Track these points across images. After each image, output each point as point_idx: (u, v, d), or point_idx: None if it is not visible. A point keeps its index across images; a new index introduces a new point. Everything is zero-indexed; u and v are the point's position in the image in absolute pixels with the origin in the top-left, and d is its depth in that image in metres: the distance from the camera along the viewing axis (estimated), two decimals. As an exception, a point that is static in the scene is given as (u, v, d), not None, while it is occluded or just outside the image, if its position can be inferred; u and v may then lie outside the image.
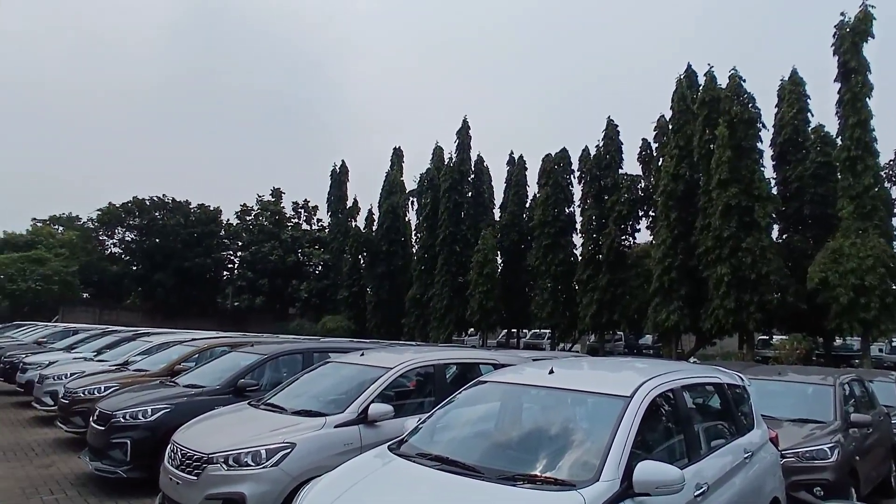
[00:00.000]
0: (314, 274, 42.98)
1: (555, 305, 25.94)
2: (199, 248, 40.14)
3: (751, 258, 18.24)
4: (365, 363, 5.61)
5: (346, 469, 3.30)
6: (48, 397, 9.62)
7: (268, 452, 4.24)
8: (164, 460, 4.79)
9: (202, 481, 4.24)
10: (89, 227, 40.93)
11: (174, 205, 41.18)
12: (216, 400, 6.33)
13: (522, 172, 31.55)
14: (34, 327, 22.31)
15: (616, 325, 24.94)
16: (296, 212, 46.54)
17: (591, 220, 25.15)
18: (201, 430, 4.91)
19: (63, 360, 11.68)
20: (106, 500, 5.76)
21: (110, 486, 6.09)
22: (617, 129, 25.48)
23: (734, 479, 3.67)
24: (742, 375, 4.87)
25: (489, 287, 27.47)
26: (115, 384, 8.07)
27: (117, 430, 6.06)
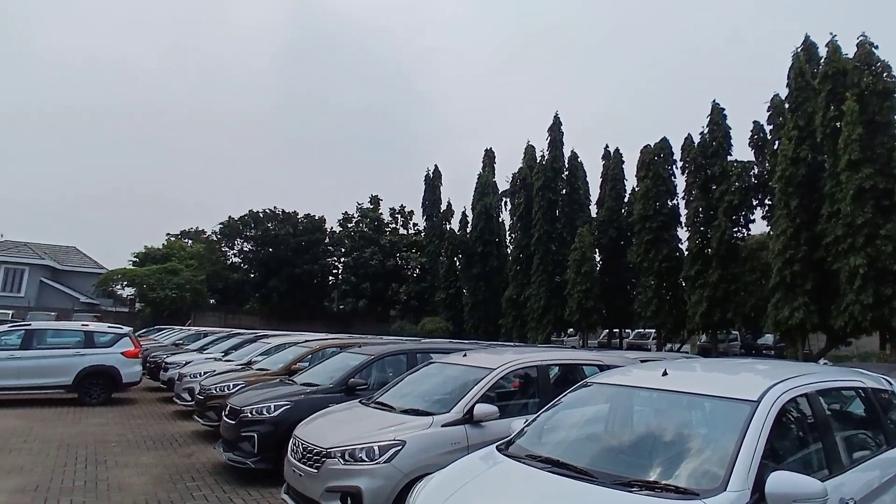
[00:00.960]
0: (412, 277, 44.22)
1: (660, 304, 24.60)
2: (307, 256, 42.81)
3: (891, 247, 16.14)
4: (468, 364, 5.69)
5: (458, 468, 3.38)
6: (186, 393, 10.76)
7: (380, 449, 4.44)
8: (288, 453, 5.18)
9: (322, 474, 4.53)
10: (213, 239, 45.16)
11: (284, 216, 44.26)
12: (330, 398, 6.74)
13: (619, 166, 30.34)
14: (171, 330, 25.06)
15: (730, 324, 23.14)
16: (393, 217, 48.19)
17: (698, 212, 23.55)
18: (319, 425, 5.25)
19: (197, 360, 13.00)
20: (238, 488, 6.32)
21: (241, 475, 6.69)
22: (723, 113, 23.68)
23: (884, 497, 3.28)
24: (889, 379, 4.34)
25: (588, 286, 26.67)
26: (242, 382, 8.84)
27: (245, 425, 6.64)
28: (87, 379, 11.92)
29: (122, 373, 12.26)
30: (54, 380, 11.73)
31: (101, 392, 12.10)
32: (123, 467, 7.09)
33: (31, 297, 40.07)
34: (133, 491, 6.11)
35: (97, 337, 12.51)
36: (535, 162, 31.76)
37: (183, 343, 18.73)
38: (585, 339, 29.27)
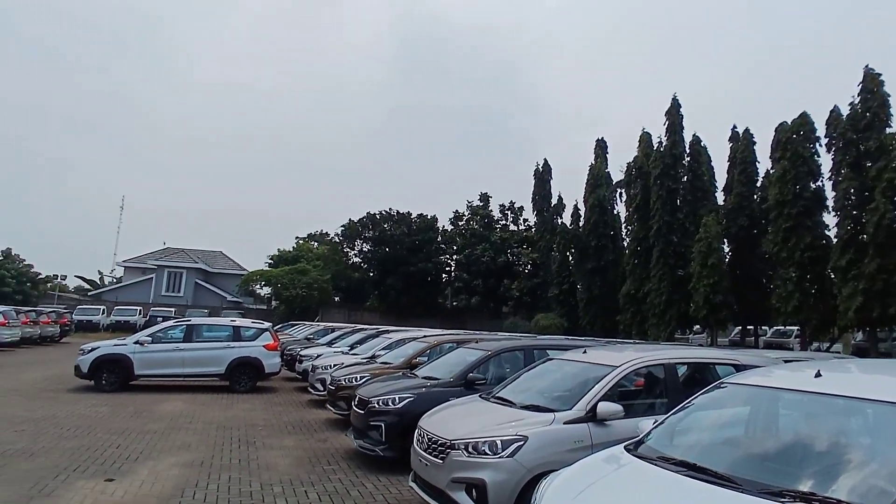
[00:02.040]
0: (524, 273, 43.93)
1: (803, 298, 22.04)
2: (421, 254, 44.28)
3: None
4: (588, 361, 5.57)
5: (584, 466, 3.33)
6: (318, 384, 11.66)
7: (503, 443, 4.50)
8: (414, 443, 5.43)
9: (447, 465, 4.69)
10: (336, 241, 48.37)
11: (399, 217, 46.17)
12: (450, 391, 6.96)
13: (749, 147, 27.65)
14: (303, 326, 27.24)
15: (892, 321, 20.14)
16: (503, 214, 48.22)
17: (849, 194, 20.72)
18: (443, 418, 5.44)
19: (326, 353, 14.03)
20: (369, 474, 6.75)
21: (371, 462, 7.12)
22: (879, 80, 20.62)
23: None
24: None
25: (716, 279, 24.64)
26: (368, 374, 9.41)
27: (373, 415, 7.07)
28: (237, 369, 13.38)
29: (264, 364, 13.60)
30: (210, 369, 13.32)
31: (248, 381, 13.51)
32: (269, 449, 7.88)
33: (189, 296, 45.77)
34: (279, 470, 6.76)
35: (243, 331, 13.98)
36: (651, 149, 30.01)
37: (313, 338, 20.27)
38: (714, 336, 27.13)
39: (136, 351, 12.74)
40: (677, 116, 29.39)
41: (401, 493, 5.99)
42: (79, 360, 12.58)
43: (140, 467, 6.63)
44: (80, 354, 12.72)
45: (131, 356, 12.65)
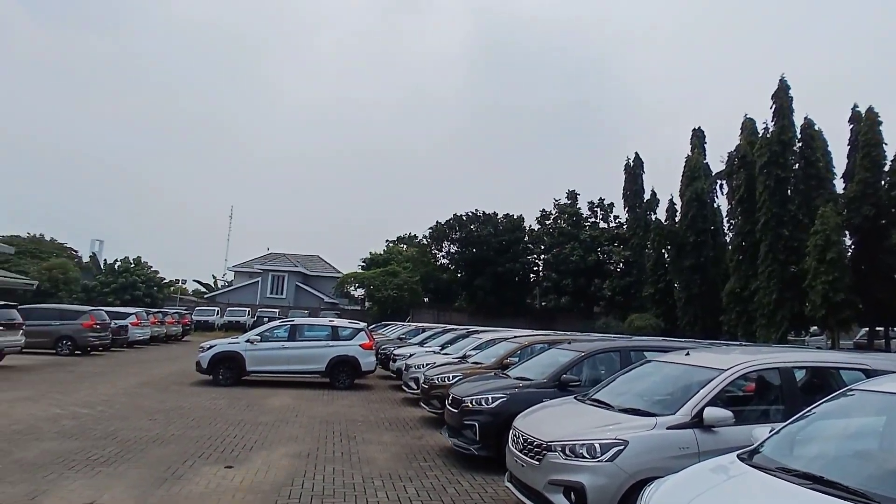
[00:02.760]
0: (616, 271, 42.38)
1: (946, 295, 19.42)
2: (508, 254, 44.09)
3: None
4: (692, 363, 5.29)
5: (693, 474, 3.17)
6: (412, 382, 11.98)
7: (601, 447, 4.39)
8: (509, 443, 5.44)
9: (544, 466, 4.65)
10: (424, 243, 49.42)
11: (485, 217, 46.30)
12: (543, 392, 6.89)
13: (874, 129, 24.80)
14: (395, 326, 28.11)
15: None
16: (592, 211, 46.83)
17: None
18: (538, 419, 5.40)
19: (419, 353, 14.38)
20: (464, 472, 6.84)
21: (466, 460, 7.22)
22: None
23: None
24: None
25: (835, 276, 22.31)
26: (460, 374, 9.54)
27: (467, 414, 7.16)
28: (336, 366, 14.08)
29: (361, 362, 14.20)
30: (312, 366, 14.13)
31: (347, 378, 14.17)
32: (369, 444, 8.22)
33: (290, 298, 48.80)
34: (378, 465, 7.04)
35: (341, 331, 14.69)
36: (755, 136, 27.83)
37: (405, 337, 20.85)
38: (836, 338, 24.58)
39: (247, 349, 13.80)
40: (786, 99, 27.02)
41: (496, 493, 6.02)
42: (199, 357, 13.85)
43: (255, 456, 7.18)
44: (199, 352, 14.00)
45: (243, 353, 13.73)
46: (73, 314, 19.98)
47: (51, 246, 45.59)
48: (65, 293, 34.87)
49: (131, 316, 23.96)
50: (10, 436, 7.54)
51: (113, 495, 5.38)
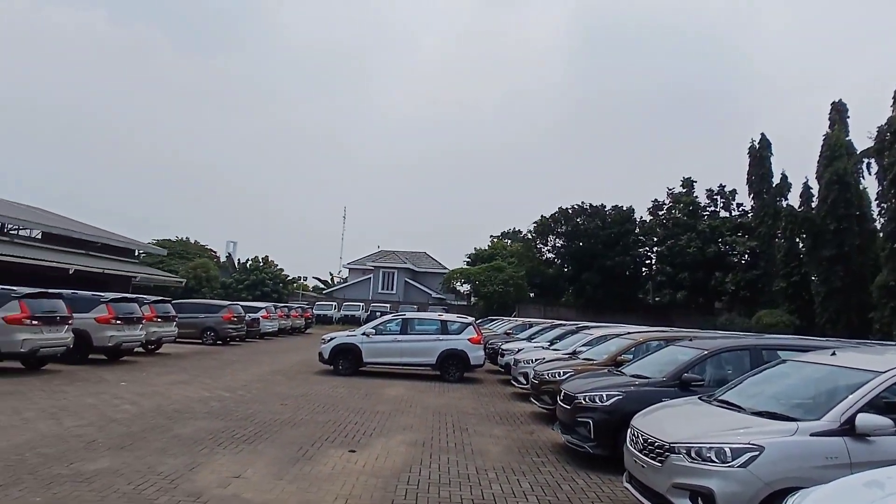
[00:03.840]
0: (740, 264, 39.03)
1: None
2: (618, 247, 42.31)
3: None
4: (840, 364, 4.76)
5: (846, 487, 2.86)
6: (521, 377, 11.96)
7: (732, 451, 4.10)
8: (626, 442, 5.25)
9: (666, 468, 4.44)
10: (529, 237, 48.94)
11: (592, 210, 44.81)
12: (662, 391, 6.57)
13: None
14: (501, 321, 28.18)
15: None
16: (711, 199, 43.51)
17: None
18: (658, 418, 5.16)
19: (527, 348, 14.32)
20: (579, 469, 6.71)
21: (580, 457, 7.08)
22: None
23: None
24: None
25: None
26: (571, 370, 9.35)
27: (580, 411, 7.01)
28: (446, 360, 14.45)
29: (470, 356, 14.45)
30: (423, 359, 14.62)
31: (456, 371, 14.49)
32: (480, 436, 8.35)
33: (400, 293, 50.74)
34: (491, 457, 7.14)
35: (449, 325, 15.04)
36: (914, 105, 24.14)
37: (512, 332, 20.83)
38: None
39: (363, 341, 14.61)
40: (953, 60, 23.11)
41: (614, 493, 5.85)
42: (321, 348, 14.90)
43: (375, 442, 7.60)
44: (321, 343, 15.06)
45: (360, 346, 14.55)
46: (214, 308, 22.44)
47: (195, 248, 51.36)
48: (207, 289, 39.18)
49: (262, 310, 26.36)
50: (171, 414, 8.65)
51: (255, 471, 5.98)
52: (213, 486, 5.37)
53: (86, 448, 6.45)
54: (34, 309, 11.62)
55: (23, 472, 5.46)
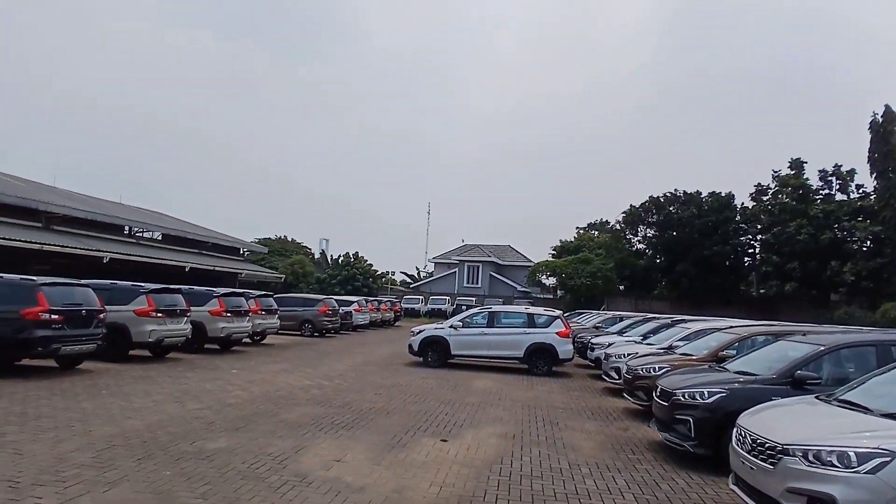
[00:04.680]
0: (861, 251, 35.15)
1: None
2: (716, 236, 39.60)
3: None
4: None
5: None
6: (613, 372, 11.60)
7: (858, 456, 3.74)
8: (732, 442, 4.95)
9: (780, 471, 4.14)
10: (617, 228, 47.10)
11: (686, 197, 42.27)
12: (771, 389, 6.13)
13: None
14: (590, 314, 27.44)
15: None
16: (824, 181, 39.46)
17: None
18: (768, 418, 4.82)
19: (618, 342, 13.85)
20: (678, 469, 6.42)
21: (679, 456, 6.77)
22: None
23: None
24: None
25: None
26: (667, 365, 8.95)
27: (679, 408, 6.69)
28: (534, 353, 14.34)
29: (558, 350, 14.24)
30: (510, 352, 14.59)
31: (544, 365, 14.34)
32: (571, 430, 8.22)
33: (485, 287, 50.94)
34: (583, 452, 7.01)
35: (536, 318, 14.89)
36: None
37: (602, 326, 20.23)
38: None
39: (451, 334, 14.85)
40: None
41: (718, 495, 5.53)
42: (410, 340, 15.33)
43: (465, 433, 7.72)
44: (411, 336, 15.49)
45: (448, 338, 14.80)
46: (311, 302, 23.80)
47: (292, 245, 54.60)
48: (303, 284, 41.54)
49: (354, 304, 27.54)
50: (276, 400, 9.30)
51: (353, 456, 6.29)
52: (317, 469, 5.72)
53: (206, 429, 7.11)
54: (159, 303, 12.94)
55: (155, 448, 6.13)
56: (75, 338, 10.48)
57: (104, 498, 4.59)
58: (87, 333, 10.80)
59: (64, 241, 20.51)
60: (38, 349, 9.91)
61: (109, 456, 5.72)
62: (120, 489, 4.81)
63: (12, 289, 10.11)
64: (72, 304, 10.59)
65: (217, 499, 4.72)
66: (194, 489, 4.91)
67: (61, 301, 10.34)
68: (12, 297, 9.92)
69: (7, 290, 10.06)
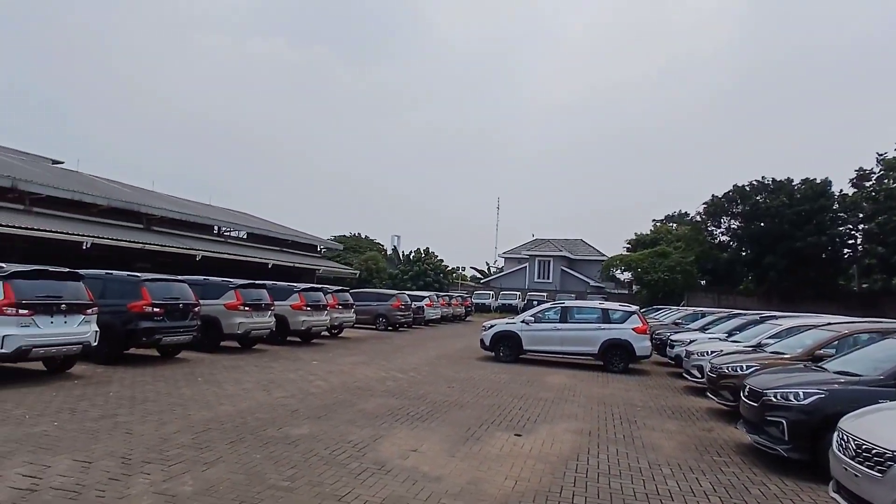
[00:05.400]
0: None
1: None
2: (810, 227, 36.61)
3: None
4: None
5: None
6: (695, 370, 11.08)
7: None
8: (833, 447, 4.61)
9: (889, 480, 3.81)
10: (698, 220, 44.73)
11: (775, 185, 39.41)
12: (878, 392, 5.67)
13: None
14: (668, 310, 26.28)
15: None
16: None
17: None
18: (875, 422, 4.44)
19: (700, 339, 13.20)
20: (770, 474, 6.04)
21: (769, 459, 6.38)
22: None
23: None
24: None
25: None
26: (756, 364, 8.43)
27: (770, 409, 6.28)
28: (609, 350, 13.95)
29: (635, 346, 13.77)
30: (584, 348, 14.28)
31: (620, 362, 13.92)
32: (651, 430, 7.94)
33: (556, 282, 50.09)
34: (664, 452, 6.75)
35: (611, 314, 14.47)
36: None
37: (682, 322, 19.33)
38: None
39: (522, 329, 14.74)
40: None
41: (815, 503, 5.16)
42: (482, 335, 15.37)
43: (539, 428, 7.66)
44: (482, 331, 15.53)
45: (520, 333, 14.70)
46: (385, 297, 24.44)
47: (365, 242, 56.27)
48: (377, 280, 42.70)
49: (426, 299, 27.99)
50: (354, 390, 9.65)
51: (429, 446, 6.42)
52: (395, 457, 5.89)
53: (291, 416, 7.51)
54: (246, 297, 13.78)
55: (245, 432, 6.55)
56: (174, 329, 11.39)
57: (203, 476, 4.97)
58: (185, 325, 11.71)
59: (162, 240, 22.27)
60: (143, 339, 10.87)
61: (206, 438, 6.18)
62: (216, 469, 5.19)
63: (121, 284, 11.15)
64: (170, 298, 11.52)
65: (303, 482, 4.98)
66: (281, 472, 5.20)
67: (162, 295, 11.27)
68: (121, 292, 10.94)
69: (116, 285, 11.11)
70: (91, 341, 9.33)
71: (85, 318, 9.30)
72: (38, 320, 8.50)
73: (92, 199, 20.37)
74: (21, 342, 8.21)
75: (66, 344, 8.95)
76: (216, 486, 4.73)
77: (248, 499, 4.51)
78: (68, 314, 9.01)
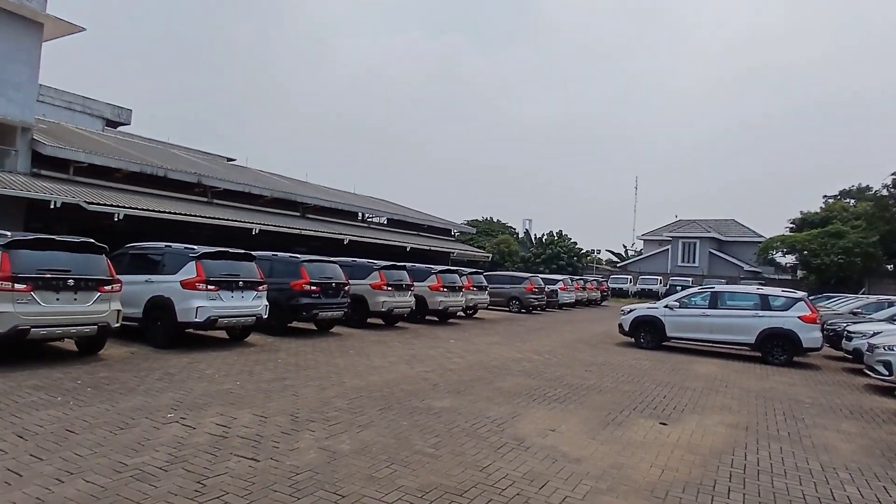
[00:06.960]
0: None
1: None
2: None
3: None
4: None
5: None
6: (881, 367, 9.57)
7: None
8: None
9: None
10: (883, 195, 38.14)
11: None
12: None
13: None
14: (843, 298, 22.92)
15: None
16: None
17: None
18: None
19: (888, 331, 11.33)
20: None
21: None
22: None
23: None
24: None
25: None
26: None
27: None
28: (768, 340, 12.58)
29: (801, 337, 12.25)
30: (738, 337, 13.03)
31: (782, 354, 12.48)
32: (823, 429, 7.04)
33: (703, 266, 46.18)
34: (841, 454, 5.96)
35: (771, 300, 13.00)
36: None
37: (862, 312, 16.77)
38: None
39: (666, 314, 13.85)
40: None
41: None
42: (621, 320, 14.74)
43: (687, 418, 7.19)
44: (621, 315, 14.89)
45: (662, 318, 13.84)
46: (518, 279, 24.48)
47: (497, 226, 56.68)
48: (509, 263, 42.89)
49: (559, 282, 27.52)
50: (491, 369, 9.86)
51: (568, 427, 6.36)
52: (533, 435, 5.94)
53: (432, 389, 7.90)
54: (389, 278, 14.71)
55: (392, 401, 7.03)
56: (328, 305, 12.55)
57: (358, 437, 5.46)
58: (337, 302, 12.84)
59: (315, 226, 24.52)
60: (303, 314, 12.13)
61: (359, 404, 6.76)
62: (369, 432, 5.66)
63: (285, 265, 12.53)
64: (325, 277, 12.69)
65: (446, 450, 5.23)
66: (426, 440, 5.52)
67: (317, 275, 12.47)
68: (285, 272, 12.30)
69: (281, 266, 12.50)
70: (262, 314, 10.64)
71: (257, 293, 10.62)
72: (222, 294, 9.90)
73: (259, 191, 23.00)
74: (210, 313, 9.63)
75: (244, 315, 10.31)
76: (369, 447, 5.17)
77: (398, 460, 4.87)
78: (245, 290, 10.35)
